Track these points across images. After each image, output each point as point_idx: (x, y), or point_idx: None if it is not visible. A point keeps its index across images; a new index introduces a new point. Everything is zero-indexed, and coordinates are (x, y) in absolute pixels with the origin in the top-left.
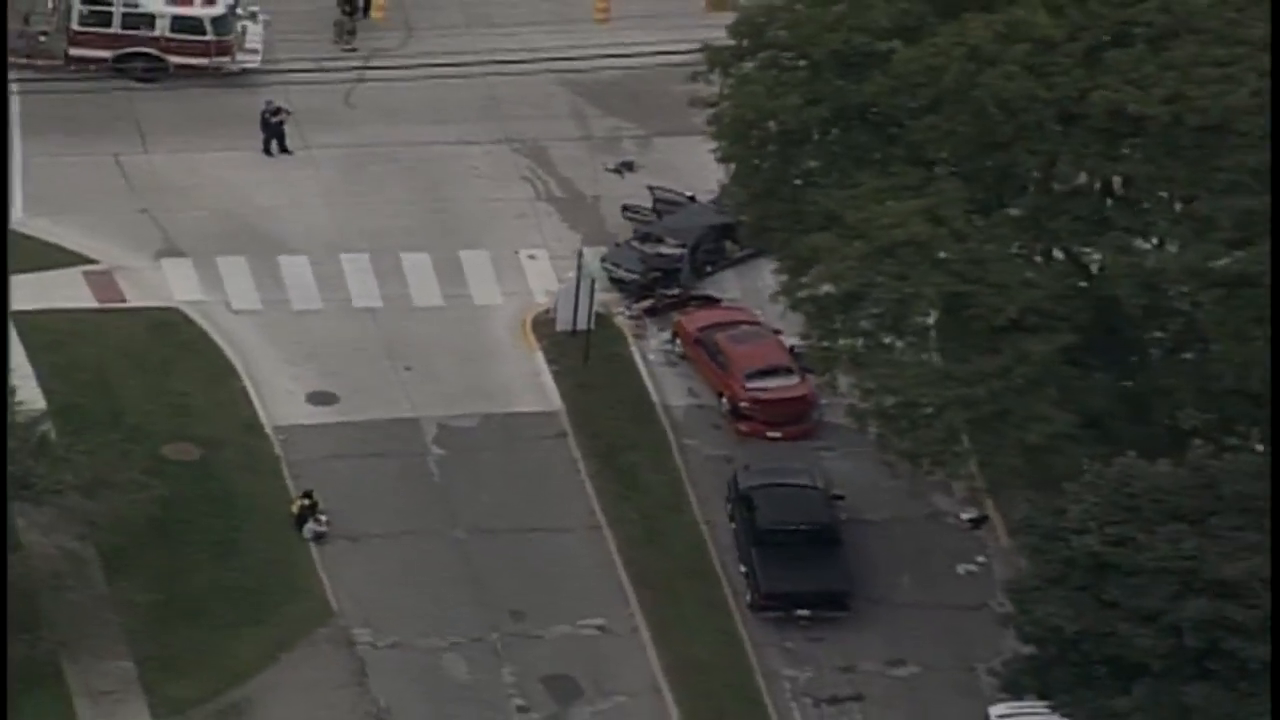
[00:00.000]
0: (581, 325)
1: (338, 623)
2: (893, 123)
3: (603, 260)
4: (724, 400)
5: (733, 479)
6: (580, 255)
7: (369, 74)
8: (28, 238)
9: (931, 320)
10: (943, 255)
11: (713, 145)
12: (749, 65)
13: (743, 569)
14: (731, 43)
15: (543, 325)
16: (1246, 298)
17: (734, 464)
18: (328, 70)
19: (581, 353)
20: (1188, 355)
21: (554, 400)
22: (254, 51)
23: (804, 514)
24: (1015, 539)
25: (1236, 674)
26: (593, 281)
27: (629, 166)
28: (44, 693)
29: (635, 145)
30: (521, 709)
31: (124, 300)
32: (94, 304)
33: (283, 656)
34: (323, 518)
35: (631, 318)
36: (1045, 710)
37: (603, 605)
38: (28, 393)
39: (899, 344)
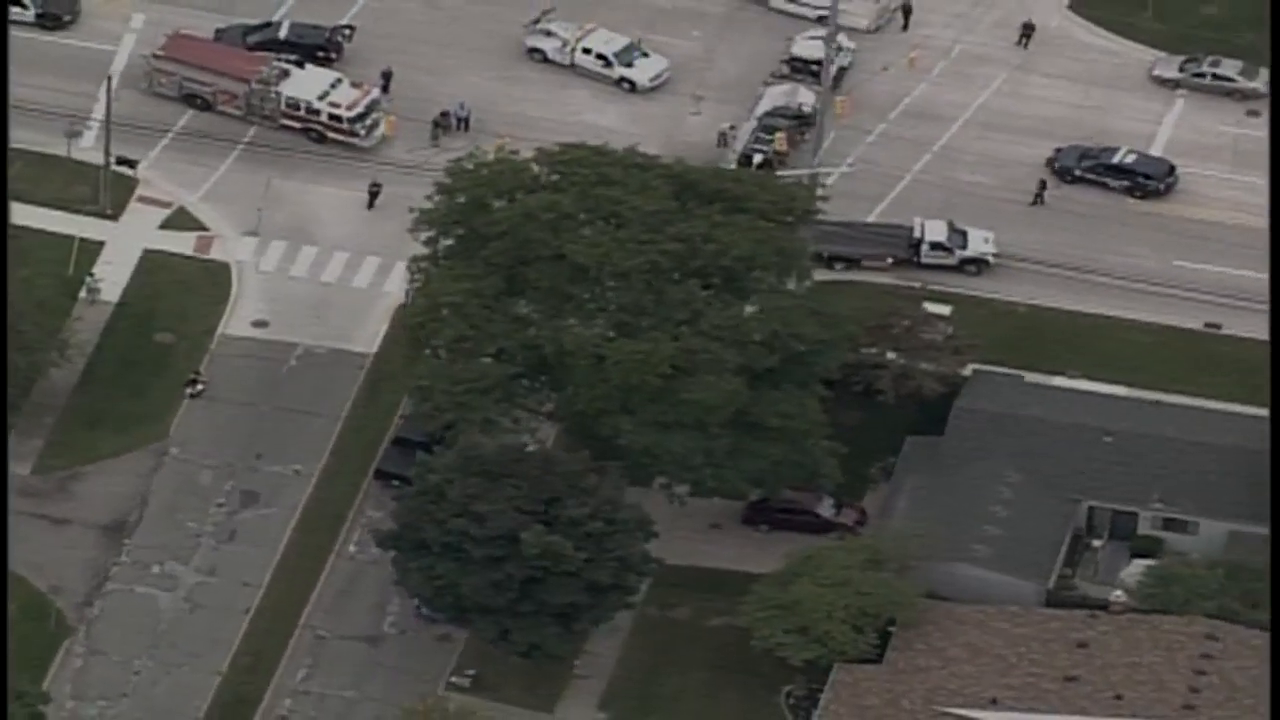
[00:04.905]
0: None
1: (166, 444)
2: (488, 240)
3: None
4: None
5: None
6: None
7: (432, 162)
8: (189, 213)
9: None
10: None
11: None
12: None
13: None
14: (449, 180)
15: (404, 307)
16: (606, 365)
17: None
18: (411, 156)
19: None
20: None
21: (374, 348)
22: (373, 138)
23: (422, 433)
24: None
25: (472, 560)
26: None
27: None
28: None
29: None
30: (220, 505)
31: (207, 254)
32: (190, 253)
33: (123, 455)
34: (199, 386)
35: None
36: None
37: (307, 459)
38: (111, 292)
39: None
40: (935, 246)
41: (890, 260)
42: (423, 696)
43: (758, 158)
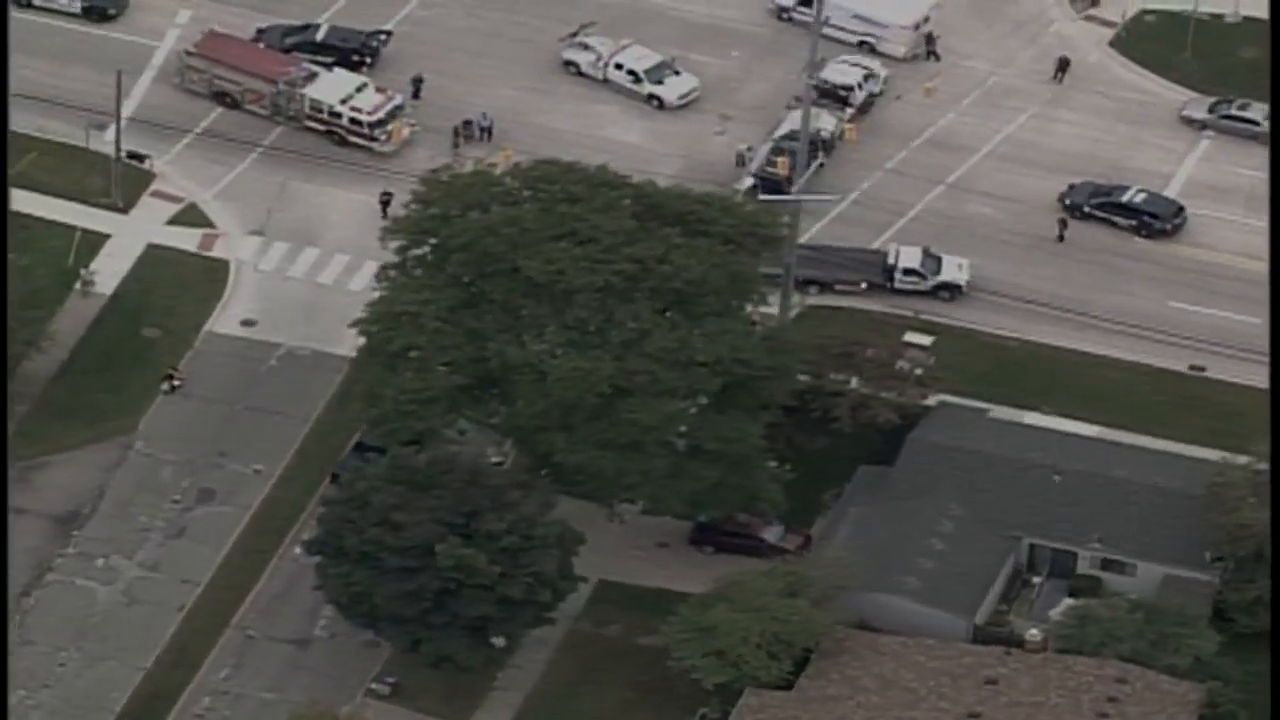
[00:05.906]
0: None
1: (133, 437)
2: (451, 252)
3: None
4: None
5: None
6: None
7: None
8: (199, 210)
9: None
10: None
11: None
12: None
13: None
14: (423, 189)
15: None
16: (548, 382)
17: None
18: (431, 163)
19: None
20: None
21: (354, 352)
22: (390, 143)
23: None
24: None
25: (387, 569)
26: None
27: None
28: None
29: None
30: (175, 501)
31: (210, 251)
32: (193, 249)
33: (88, 447)
34: (176, 382)
35: None
36: None
37: (270, 459)
38: (107, 285)
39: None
40: (908, 272)
41: (864, 285)
42: (338, 703)
43: (748, 181)
